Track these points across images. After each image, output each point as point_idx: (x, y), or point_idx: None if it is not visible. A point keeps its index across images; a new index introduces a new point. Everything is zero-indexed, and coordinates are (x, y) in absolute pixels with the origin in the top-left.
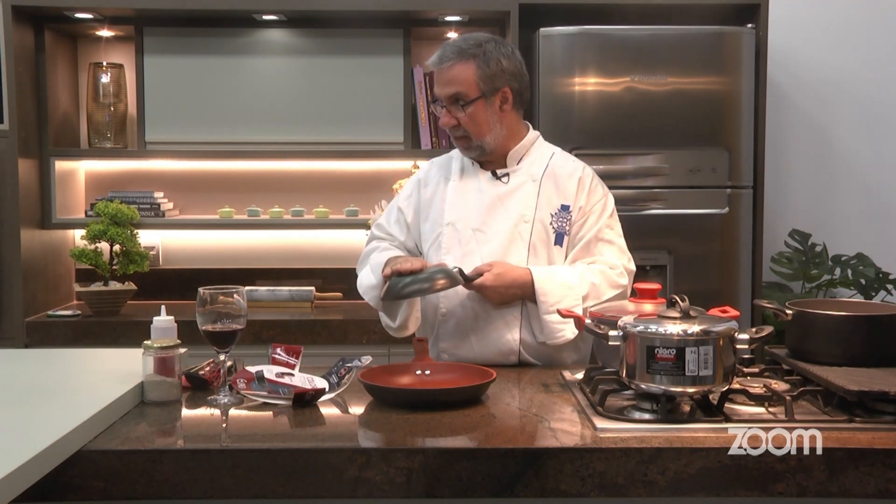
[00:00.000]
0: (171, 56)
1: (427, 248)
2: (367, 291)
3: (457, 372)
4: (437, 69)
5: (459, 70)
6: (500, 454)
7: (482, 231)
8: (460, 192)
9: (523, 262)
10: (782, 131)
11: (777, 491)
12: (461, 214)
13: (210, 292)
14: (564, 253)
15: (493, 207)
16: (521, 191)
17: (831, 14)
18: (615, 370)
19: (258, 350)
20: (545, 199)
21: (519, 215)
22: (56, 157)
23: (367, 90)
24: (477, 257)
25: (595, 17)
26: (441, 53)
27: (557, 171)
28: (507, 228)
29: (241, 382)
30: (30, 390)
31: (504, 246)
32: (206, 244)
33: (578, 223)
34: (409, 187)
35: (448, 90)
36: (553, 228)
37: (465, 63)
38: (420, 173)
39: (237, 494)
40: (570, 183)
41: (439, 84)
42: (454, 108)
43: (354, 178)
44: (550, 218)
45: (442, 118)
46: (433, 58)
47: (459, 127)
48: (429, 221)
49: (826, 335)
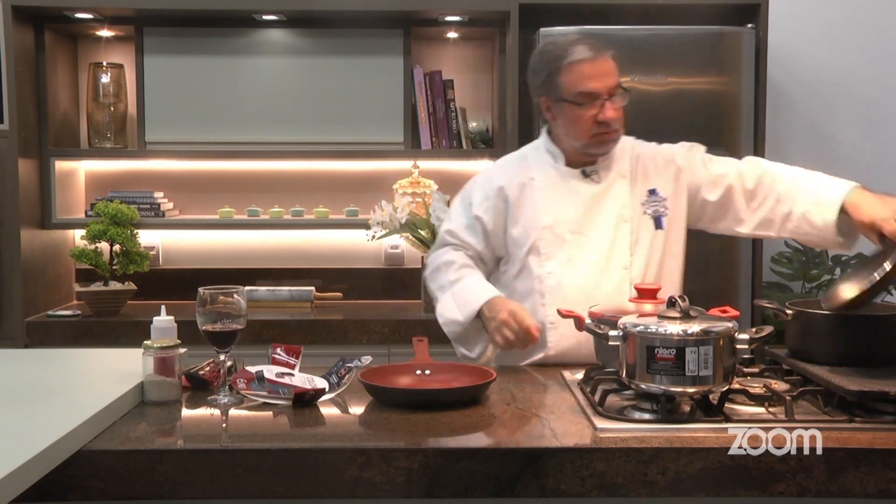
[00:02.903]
0: (171, 56)
1: (521, 254)
2: (449, 324)
3: (457, 372)
4: (591, 62)
5: (612, 62)
6: (500, 454)
7: (582, 234)
8: (551, 192)
9: (627, 261)
10: (782, 131)
11: (777, 491)
12: (557, 217)
13: (210, 292)
14: (664, 235)
15: (590, 209)
16: (614, 189)
17: (831, 14)
18: (615, 370)
19: (258, 350)
20: (637, 192)
21: (617, 215)
22: (56, 157)
23: (367, 90)
24: (581, 262)
25: (595, 17)
26: (591, 45)
27: (640, 159)
28: (607, 230)
29: (241, 382)
30: (30, 390)
31: (607, 248)
32: (206, 244)
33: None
34: (480, 192)
35: (612, 80)
36: (649, 216)
37: (610, 55)
38: (494, 176)
39: (237, 494)
40: (650, 166)
41: (599, 76)
42: (613, 100)
43: (354, 178)
44: (643, 207)
45: (607, 112)
46: (581, 51)
47: (618, 120)
48: (520, 225)
49: (826, 335)
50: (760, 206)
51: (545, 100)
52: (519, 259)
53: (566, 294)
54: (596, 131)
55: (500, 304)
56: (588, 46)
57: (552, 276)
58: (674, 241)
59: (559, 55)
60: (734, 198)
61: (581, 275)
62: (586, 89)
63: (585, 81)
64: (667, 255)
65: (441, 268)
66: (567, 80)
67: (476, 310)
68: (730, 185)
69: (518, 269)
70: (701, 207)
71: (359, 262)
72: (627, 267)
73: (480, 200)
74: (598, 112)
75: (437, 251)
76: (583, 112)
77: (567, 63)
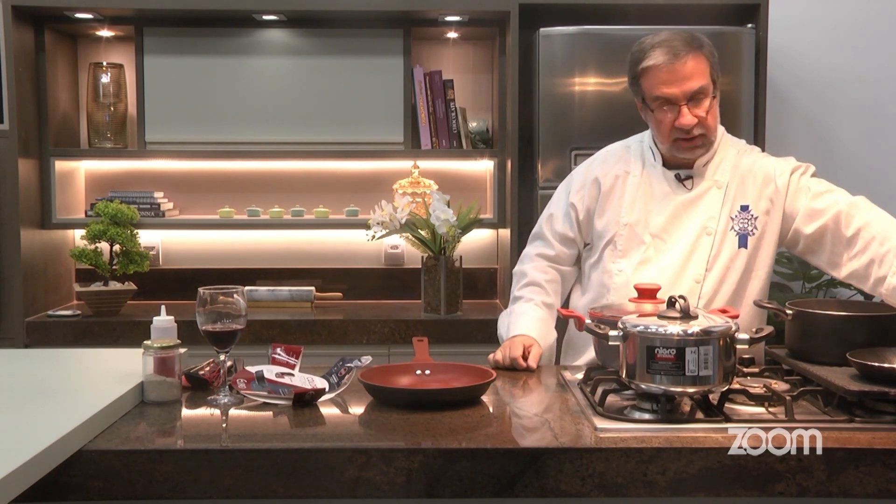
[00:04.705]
0: (171, 56)
1: (601, 245)
2: (501, 339)
3: (457, 372)
4: (667, 66)
5: (696, 63)
6: (500, 454)
7: (661, 239)
8: (642, 191)
9: (700, 275)
10: (782, 131)
11: (777, 491)
12: (641, 217)
13: (210, 292)
14: (748, 256)
15: (677, 215)
16: (706, 199)
17: (831, 14)
18: (615, 370)
19: (258, 350)
20: (729, 205)
21: (702, 227)
22: (56, 157)
23: (367, 90)
24: (654, 267)
25: (595, 17)
26: (668, 49)
27: (739, 170)
28: (688, 239)
29: (241, 382)
30: (30, 390)
31: (684, 257)
32: (206, 244)
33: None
34: (579, 180)
35: (691, 85)
36: (735, 232)
37: (697, 54)
38: (593, 165)
39: (237, 494)
40: (749, 179)
41: (676, 81)
42: (693, 105)
43: (354, 178)
44: (731, 222)
45: (683, 118)
46: (656, 56)
47: (699, 125)
48: (604, 217)
49: (826, 335)
50: (855, 258)
51: (637, 101)
52: (598, 250)
53: (631, 295)
54: (676, 136)
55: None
56: (666, 49)
57: (622, 275)
58: (759, 263)
59: (638, 59)
60: (827, 238)
61: (651, 278)
62: (661, 94)
63: (660, 87)
64: (748, 276)
65: (517, 275)
66: (645, 84)
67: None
68: (825, 225)
69: (596, 258)
70: (794, 236)
71: (359, 262)
72: (700, 281)
73: (577, 188)
74: (677, 117)
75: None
76: (661, 117)
77: (643, 68)
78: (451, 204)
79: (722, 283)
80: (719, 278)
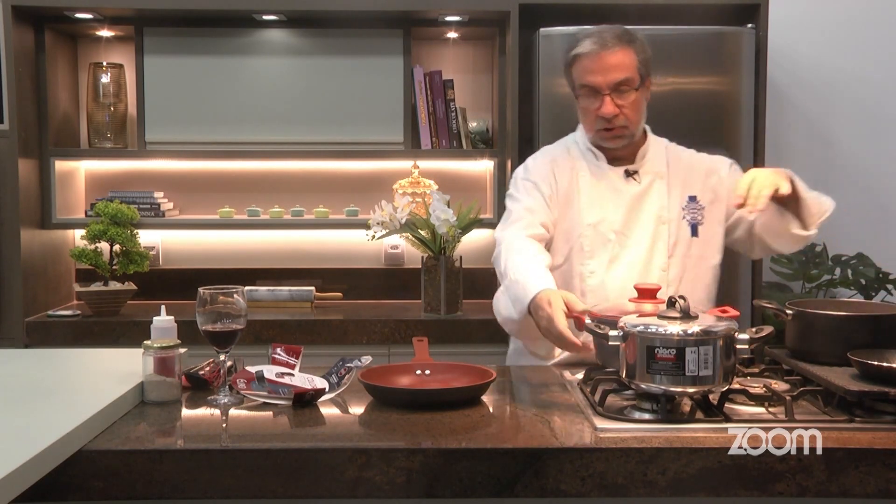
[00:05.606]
0: (171, 56)
1: (566, 249)
2: (506, 322)
3: (457, 372)
4: (594, 55)
5: (623, 55)
6: (500, 454)
7: (624, 234)
8: (596, 190)
9: (665, 263)
10: (782, 131)
11: (777, 491)
12: (601, 216)
13: (210, 292)
14: (700, 243)
15: (632, 209)
16: (653, 190)
17: (831, 14)
18: (615, 370)
19: (258, 350)
20: (675, 194)
21: (657, 217)
22: (56, 157)
23: (367, 90)
24: (622, 263)
25: (595, 17)
26: (597, 40)
27: (678, 163)
28: (648, 231)
29: (241, 382)
30: (30, 390)
31: (648, 249)
32: (206, 244)
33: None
34: (542, 168)
35: (614, 76)
36: (687, 222)
37: (626, 48)
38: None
39: (237, 494)
40: (691, 172)
41: (600, 70)
42: (616, 95)
43: (354, 178)
44: (682, 212)
45: (605, 107)
46: (586, 45)
47: (620, 116)
48: (567, 219)
49: (826, 335)
50: None
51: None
52: (562, 253)
53: (608, 294)
54: (599, 126)
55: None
56: (595, 39)
57: (594, 276)
58: (710, 252)
59: (571, 47)
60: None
61: (622, 275)
62: (586, 82)
63: (586, 75)
64: (701, 265)
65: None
66: (574, 72)
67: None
68: None
69: (563, 261)
70: (735, 222)
71: (359, 262)
72: (665, 269)
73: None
74: (600, 106)
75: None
76: (586, 104)
77: (573, 55)
78: (451, 204)
79: (684, 269)
80: (681, 266)
